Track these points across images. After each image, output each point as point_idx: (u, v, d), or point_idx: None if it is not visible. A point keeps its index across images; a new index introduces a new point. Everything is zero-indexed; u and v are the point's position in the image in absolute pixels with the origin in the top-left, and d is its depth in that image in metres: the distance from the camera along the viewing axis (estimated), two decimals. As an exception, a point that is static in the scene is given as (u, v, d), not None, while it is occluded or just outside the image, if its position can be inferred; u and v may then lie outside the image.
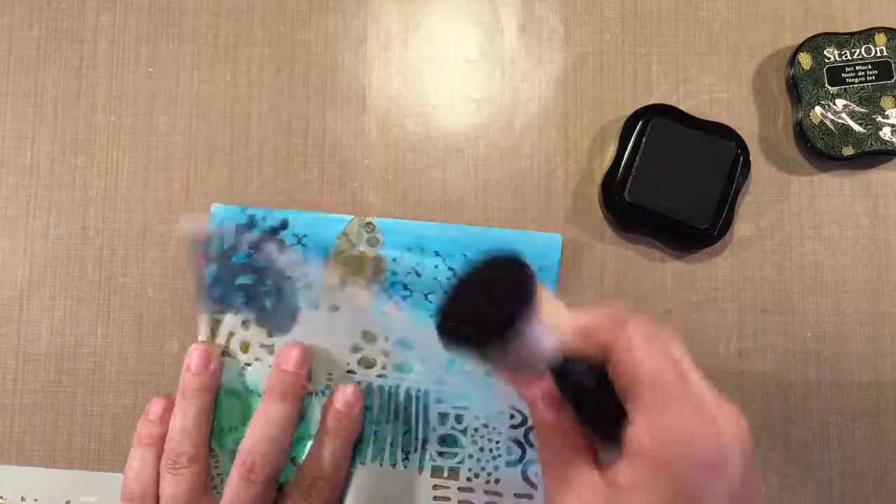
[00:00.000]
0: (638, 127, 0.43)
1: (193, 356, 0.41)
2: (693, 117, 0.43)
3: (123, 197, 0.44)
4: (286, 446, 0.40)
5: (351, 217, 0.44)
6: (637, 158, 0.42)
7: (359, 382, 0.42)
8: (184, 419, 0.40)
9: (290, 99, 0.45)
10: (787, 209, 0.44)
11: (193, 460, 0.39)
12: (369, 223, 0.43)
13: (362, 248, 0.43)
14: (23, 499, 0.42)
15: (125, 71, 0.45)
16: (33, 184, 0.44)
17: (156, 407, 0.41)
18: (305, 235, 0.43)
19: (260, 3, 0.45)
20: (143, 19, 0.45)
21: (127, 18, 0.45)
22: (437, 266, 0.43)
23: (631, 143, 0.43)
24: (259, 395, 0.42)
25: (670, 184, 0.42)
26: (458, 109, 0.45)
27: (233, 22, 0.45)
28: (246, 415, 0.42)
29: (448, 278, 0.43)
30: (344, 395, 0.41)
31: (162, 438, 0.40)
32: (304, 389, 0.41)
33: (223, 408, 0.42)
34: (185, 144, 0.45)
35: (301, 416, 0.42)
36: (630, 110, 0.43)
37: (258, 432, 0.40)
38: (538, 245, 0.43)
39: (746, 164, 0.43)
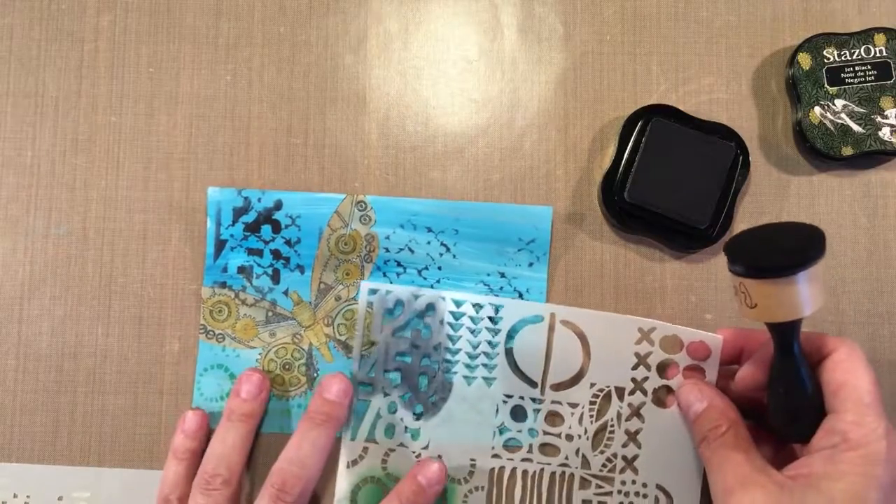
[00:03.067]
0: (638, 127, 0.43)
1: (246, 382, 0.41)
2: (693, 117, 0.43)
3: (123, 197, 0.44)
4: (317, 471, 0.40)
5: (343, 196, 0.44)
6: (637, 158, 0.42)
7: (502, 467, 0.42)
8: (223, 443, 0.40)
9: (290, 99, 0.45)
10: (786, 209, 0.44)
11: (227, 483, 0.39)
12: (361, 201, 0.43)
13: (355, 226, 0.43)
14: (15, 495, 0.42)
15: (125, 71, 0.45)
16: (34, 184, 0.44)
17: (191, 423, 0.41)
18: (299, 216, 0.43)
19: (260, 3, 0.45)
20: (143, 19, 0.45)
21: (127, 18, 0.45)
22: (429, 242, 0.43)
23: (631, 143, 0.43)
24: (395, 481, 0.41)
25: (670, 184, 0.42)
26: (458, 109, 0.45)
27: (233, 22, 0.45)
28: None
29: (441, 254, 0.43)
30: (429, 470, 0.40)
31: (196, 454, 0.41)
32: (342, 419, 0.41)
33: (364, 494, 0.42)
34: (185, 144, 0.45)
35: (443, 500, 0.41)
36: (630, 110, 0.43)
37: (291, 454, 0.40)
38: (529, 217, 0.43)
39: (746, 165, 0.43)
